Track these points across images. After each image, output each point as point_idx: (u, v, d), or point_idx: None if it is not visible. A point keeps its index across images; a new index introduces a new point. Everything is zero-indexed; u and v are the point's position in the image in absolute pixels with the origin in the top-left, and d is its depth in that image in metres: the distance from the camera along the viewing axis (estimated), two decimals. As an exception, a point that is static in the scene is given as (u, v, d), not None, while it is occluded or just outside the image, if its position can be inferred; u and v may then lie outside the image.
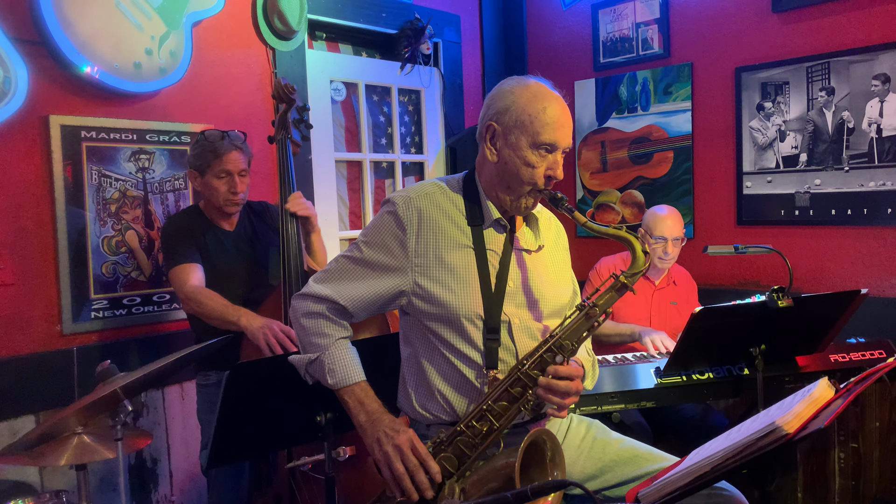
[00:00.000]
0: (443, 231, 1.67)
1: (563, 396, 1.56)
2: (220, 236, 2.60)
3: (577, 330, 1.60)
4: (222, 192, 2.52)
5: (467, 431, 1.58)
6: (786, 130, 3.33)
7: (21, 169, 2.59)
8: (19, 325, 2.60)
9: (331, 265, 1.72)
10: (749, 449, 1.17)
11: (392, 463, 1.55)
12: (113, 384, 1.66)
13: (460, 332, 1.64)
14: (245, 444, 1.82)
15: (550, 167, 1.63)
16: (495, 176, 1.67)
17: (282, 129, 2.65)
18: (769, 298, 2.28)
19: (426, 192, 1.70)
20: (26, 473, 2.59)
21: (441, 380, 1.67)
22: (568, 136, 1.65)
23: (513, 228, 1.74)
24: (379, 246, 1.67)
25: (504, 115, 1.63)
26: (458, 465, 1.58)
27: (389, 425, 1.60)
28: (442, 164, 4.13)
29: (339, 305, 1.67)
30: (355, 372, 1.66)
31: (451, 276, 1.65)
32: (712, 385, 2.51)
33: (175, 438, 3.00)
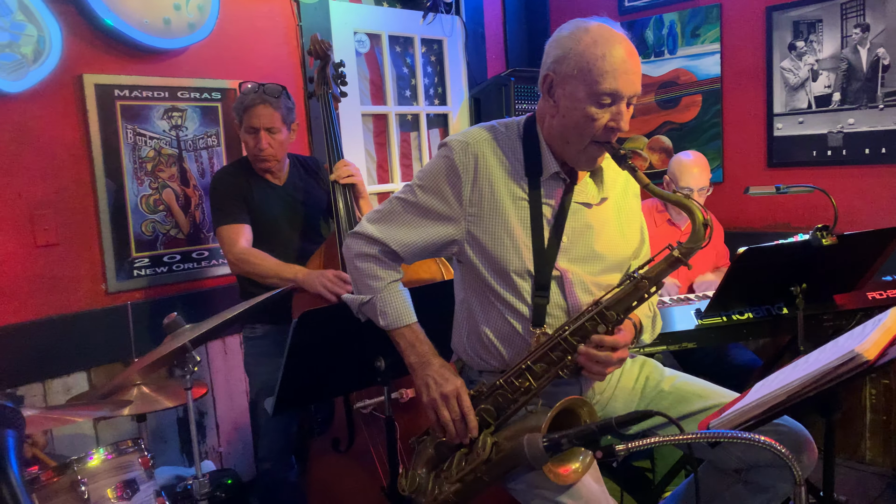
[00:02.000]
0: (499, 180, 1.62)
1: (604, 366, 1.54)
2: (268, 189, 2.60)
3: (625, 300, 1.55)
4: (250, 147, 2.53)
5: (506, 387, 1.60)
6: (818, 70, 3.29)
7: (58, 129, 2.60)
8: (66, 285, 2.64)
9: (385, 206, 1.70)
10: (828, 377, 1.20)
11: (438, 409, 1.60)
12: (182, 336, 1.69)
13: (510, 286, 1.63)
14: (309, 390, 1.87)
15: (613, 118, 1.53)
16: (555, 128, 1.60)
17: (322, 84, 2.63)
18: (813, 237, 2.28)
19: (484, 138, 1.65)
20: (81, 427, 2.66)
21: (490, 329, 1.67)
22: (634, 83, 1.52)
23: (573, 181, 1.67)
24: (433, 191, 1.64)
25: (561, 64, 1.54)
26: (496, 416, 1.61)
27: (439, 371, 1.62)
28: (466, 115, 4.10)
29: (391, 249, 1.67)
30: (406, 314, 1.67)
31: (504, 228, 1.61)
32: (752, 325, 2.53)
33: (220, 392, 3.07)
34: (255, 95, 2.49)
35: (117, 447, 1.67)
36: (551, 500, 1.55)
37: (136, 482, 1.63)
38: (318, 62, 2.66)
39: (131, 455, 1.69)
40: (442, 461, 1.67)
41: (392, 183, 3.82)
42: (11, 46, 2.40)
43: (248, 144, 2.54)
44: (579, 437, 1.20)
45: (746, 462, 1.66)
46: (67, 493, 1.52)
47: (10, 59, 2.39)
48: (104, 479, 1.59)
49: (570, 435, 1.22)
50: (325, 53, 2.63)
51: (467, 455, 1.61)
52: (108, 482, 1.59)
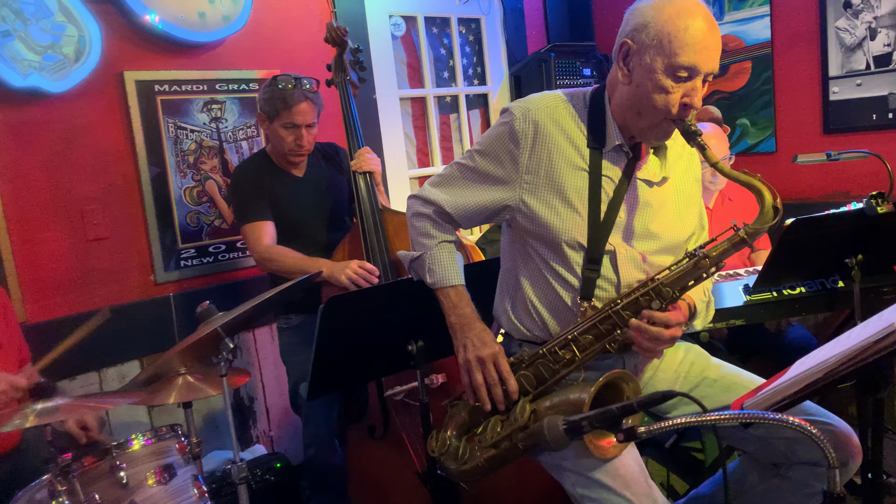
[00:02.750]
0: (558, 149, 1.58)
1: (655, 343, 1.49)
2: (290, 183, 2.61)
3: (682, 278, 1.51)
4: (288, 142, 2.51)
5: (549, 356, 1.57)
6: (877, 28, 3.10)
7: (103, 126, 2.68)
8: (117, 277, 2.73)
9: (446, 170, 1.72)
10: (867, 352, 1.13)
11: (472, 372, 1.58)
12: (213, 323, 1.72)
13: (560, 256, 1.60)
14: (342, 374, 1.88)
15: (688, 94, 1.47)
16: (626, 100, 1.55)
17: (339, 71, 2.62)
18: (867, 205, 2.16)
19: (547, 105, 1.60)
20: (138, 414, 2.76)
21: (537, 298, 1.65)
22: (712, 59, 1.47)
23: (636, 156, 1.61)
24: (491, 156, 1.63)
25: (640, 33, 1.48)
26: (535, 384, 1.59)
27: (479, 334, 1.61)
28: (506, 94, 4.04)
29: (444, 211, 1.68)
30: (454, 275, 1.67)
31: (559, 198, 1.58)
32: (804, 300, 2.41)
33: (268, 377, 3.14)
34: (297, 91, 2.46)
35: (156, 433, 1.72)
36: (586, 477, 1.51)
37: (174, 467, 1.68)
38: (338, 48, 2.64)
39: (169, 441, 1.73)
40: (475, 426, 1.65)
41: (432, 166, 3.81)
42: (54, 47, 2.47)
43: (286, 140, 2.50)
44: (600, 420, 1.17)
45: (788, 457, 1.59)
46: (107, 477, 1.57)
47: (53, 60, 2.47)
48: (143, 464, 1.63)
49: (591, 417, 1.18)
50: (341, 40, 2.62)
51: (503, 421, 1.58)
52: (147, 467, 1.63)
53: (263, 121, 2.56)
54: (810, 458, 1.55)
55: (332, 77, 2.67)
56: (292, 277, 2.40)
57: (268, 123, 2.54)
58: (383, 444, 2.38)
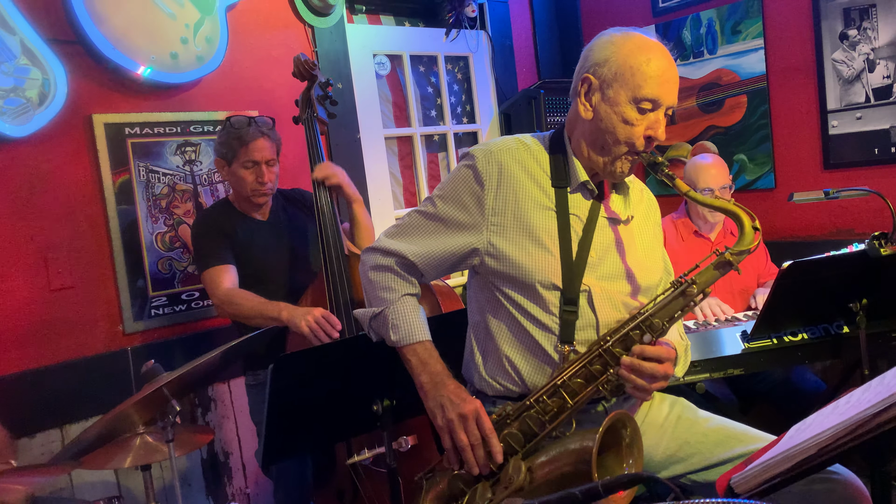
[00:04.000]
0: (524, 189, 1.54)
1: (650, 380, 1.42)
2: (254, 227, 2.49)
3: (670, 308, 1.45)
4: (249, 181, 2.41)
5: (537, 407, 1.45)
6: (875, 59, 2.98)
7: (70, 170, 2.58)
8: (83, 327, 2.61)
9: (403, 220, 1.62)
10: (865, 427, 0.98)
11: (455, 433, 1.44)
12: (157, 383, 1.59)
13: (535, 298, 1.51)
14: (298, 438, 1.73)
15: (651, 126, 1.48)
16: (588, 135, 1.53)
17: (306, 107, 2.52)
18: (870, 246, 2.03)
19: (509, 147, 1.57)
20: (101, 473, 2.61)
21: (512, 348, 1.54)
22: (673, 92, 1.49)
23: (601, 194, 1.59)
24: (454, 201, 1.55)
25: (602, 67, 1.49)
26: (523, 442, 1.46)
27: (454, 391, 1.48)
28: (496, 132, 3.94)
29: (408, 261, 1.57)
30: (420, 330, 1.54)
31: (529, 238, 1.52)
32: (807, 346, 2.27)
33: (245, 430, 2.98)
34: (253, 129, 2.39)
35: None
36: None
37: (109, 544, 1.53)
38: (307, 82, 2.54)
39: (105, 515, 1.59)
40: (456, 498, 1.50)
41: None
42: (16, 91, 2.39)
43: (247, 180, 2.41)
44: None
45: None
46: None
47: (14, 104, 2.39)
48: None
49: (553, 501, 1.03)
50: (309, 73, 2.52)
51: (494, 485, 1.44)
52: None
53: (222, 167, 2.46)
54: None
55: (298, 114, 2.56)
56: (252, 322, 2.29)
57: (227, 168, 2.44)
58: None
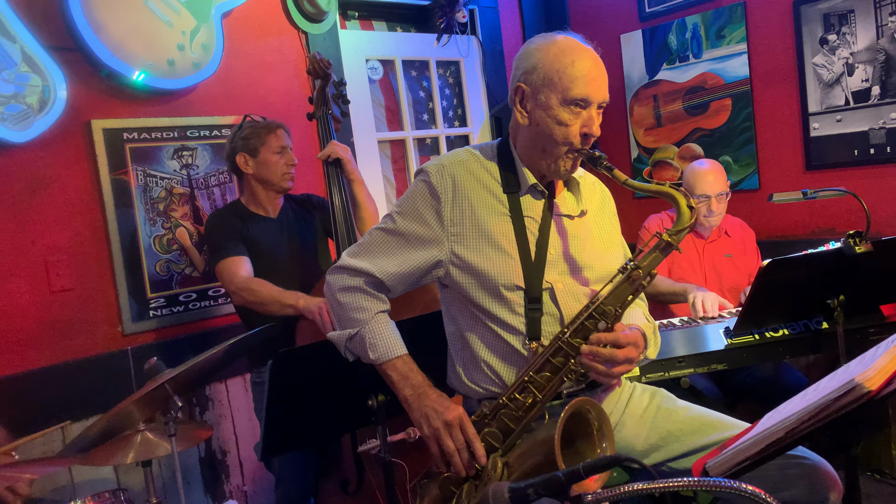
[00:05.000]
0: (478, 198, 1.61)
1: (610, 365, 1.49)
2: (264, 225, 2.57)
3: (620, 294, 1.52)
4: (280, 165, 2.51)
5: (510, 404, 1.52)
6: (854, 63, 3.07)
7: (69, 175, 2.64)
8: (83, 329, 2.66)
9: (365, 238, 1.67)
10: (827, 410, 1.05)
11: (442, 440, 1.51)
12: (159, 380, 1.65)
13: (501, 301, 1.58)
14: (296, 432, 1.80)
15: (585, 124, 1.54)
16: (529, 140, 1.60)
17: (321, 105, 2.62)
18: (845, 244, 2.10)
19: (460, 160, 1.65)
20: (101, 472, 2.66)
21: (487, 351, 1.61)
22: (602, 89, 1.55)
23: (552, 194, 1.65)
24: (413, 216, 1.61)
25: (531, 75, 1.55)
26: (502, 438, 1.53)
27: (437, 400, 1.55)
28: (487, 135, 4.01)
29: (375, 279, 1.62)
30: (397, 346, 1.61)
31: (489, 244, 1.58)
32: (788, 342, 2.34)
33: (242, 429, 3.04)
34: (270, 122, 2.55)
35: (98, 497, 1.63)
36: None
37: (114, 534, 1.59)
38: (319, 81, 2.63)
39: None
40: (448, 499, 1.57)
41: (413, 208, 3.76)
42: (17, 97, 2.45)
43: (278, 164, 2.51)
44: (546, 487, 1.08)
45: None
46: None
47: (15, 111, 2.44)
48: (82, 531, 1.55)
49: (537, 484, 1.10)
50: (324, 72, 2.60)
51: (477, 484, 1.51)
52: (85, 537, 1.55)
53: (246, 161, 2.52)
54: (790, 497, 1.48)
55: (313, 111, 2.65)
56: (268, 309, 2.35)
57: (253, 160, 2.51)
58: (357, 499, 2.27)
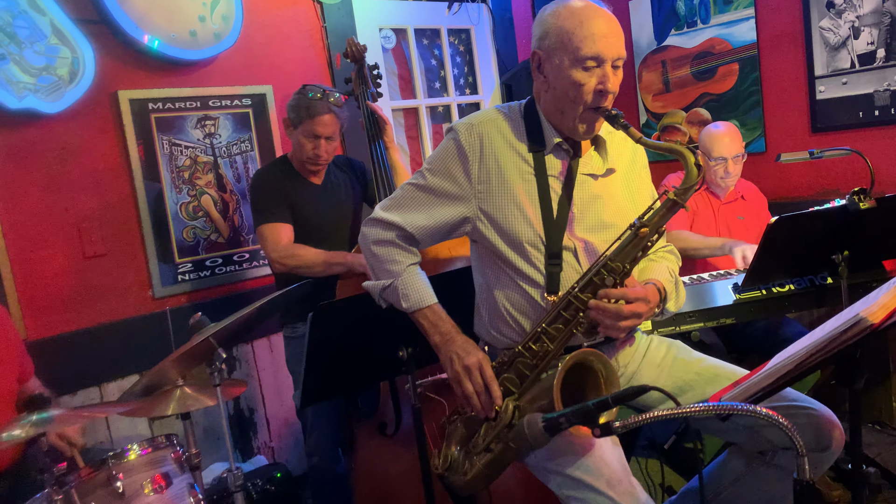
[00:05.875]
0: (505, 157, 1.67)
1: (616, 319, 1.53)
2: (309, 190, 2.64)
3: (627, 250, 1.57)
4: (307, 150, 2.57)
5: (526, 353, 1.61)
6: (860, 26, 3.13)
7: (98, 145, 2.73)
8: (115, 293, 2.77)
9: (397, 193, 1.76)
10: (833, 343, 1.16)
11: (462, 382, 1.62)
12: (205, 333, 1.76)
13: (523, 256, 1.66)
14: (333, 381, 1.91)
15: (601, 81, 1.58)
16: (550, 103, 1.66)
17: (361, 83, 2.78)
18: (850, 201, 2.19)
19: (488, 119, 1.71)
20: (138, 427, 2.80)
21: (510, 303, 1.70)
22: (614, 45, 1.58)
23: (577, 153, 1.71)
24: (442, 173, 1.69)
25: (545, 40, 1.61)
26: (519, 384, 1.63)
27: (462, 346, 1.65)
28: (498, 102, 4.08)
29: (406, 233, 1.71)
30: (428, 295, 1.71)
31: (513, 201, 1.65)
32: (793, 297, 2.44)
33: (268, 388, 3.17)
34: (322, 104, 2.53)
35: (152, 442, 1.75)
36: (570, 478, 1.53)
37: (170, 476, 1.71)
38: (354, 65, 2.78)
39: (165, 450, 1.76)
40: (472, 437, 1.68)
41: (427, 175, 3.85)
42: (48, 69, 2.53)
43: (305, 148, 2.56)
44: (577, 415, 1.20)
45: (774, 444, 1.62)
46: (103, 487, 1.60)
47: (47, 82, 2.53)
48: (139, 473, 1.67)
49: (569, 414, 1.21)
50: (361, 56, 2.78)
51: (493, 424, 1.61)
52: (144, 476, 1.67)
53: (288, 126, 2.61)
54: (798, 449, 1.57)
55: (353, 90, 2.81)
56: (313, 272, 2.45)
57: (292, 129, 2.60)
58: (393, 441, 2.39)
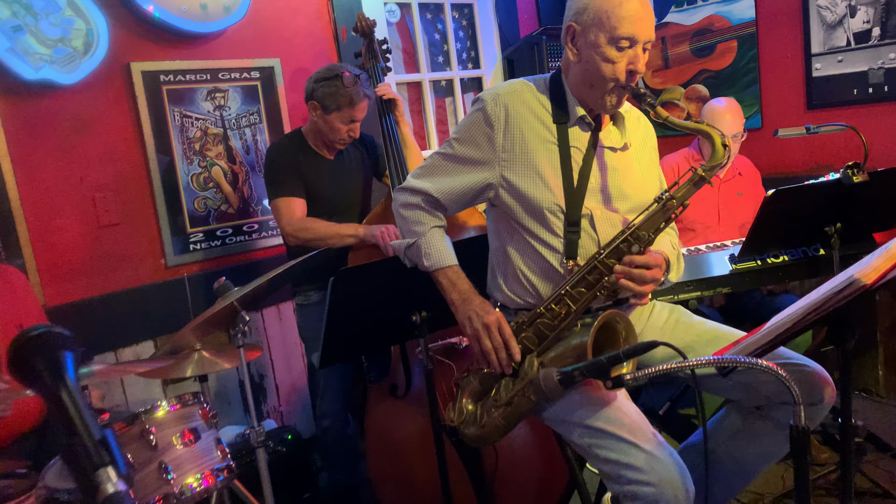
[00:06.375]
0: (529, 127, 1.74)
1: (640, 283, 1.63)
2: (322, 164, 2.72)
3: (654, 221, 1.66)
4: (342, 133, 2.63)
5: (546, 314, 1.70)
6: (856, 5, 3.20)
7: (112, 116, 2.78)
8: (129, 261, 2.85)
9: (427, 161, 1.86)
10: (829, 302, 1.25)
11: (481, 339, 1.71)
12: (230, 297, 1.84)
13: (543, 223, 1.74)
14: (351, 343, 2.00)
15: (632, 62, 1.65)
16: (579, 76, 1.73)
17: (371, 58, 2.86)
18: (844, 175, 2.28)
19: (514, 90, 1.78)
20: (153, 391, 2.89)
21: (526, 267, 1.79)
22: (648, 29, 1.66)
23: (598, 127, 1.78)
24: (469, 142, 1.77)
25: (582, 15, 1.67)
26: (537, 343, 1.72)
27: (480, 305, 1.74)
28: (500, 77, 4.13)
29: (433, 198, 1.81)
30: (448, 256, 1.80)
31: (535, 170, 1.73)
32: (787, 267, 2.54)
33: (277, 355, 3.26)
34: (360, 90, 2.59)
35: (180, 399, 1.84)
36: (592, 428, 1.62)
37: (198, 431, 1.80)
38: (364, 39, 2.84)
39: (192, 407, 1.85)
40: (487, 392, 1.77)
41: (429, 149, 3.91)
42: (63, 41, 2.57)
43: (340, 131, 2.62)
44: (590, 370, 1.29)
45: (770, 399, 1.72)
46: (138, 440, 1.70)
47: (63, 53, 2.57)
48: (169, 427, 1.76)
49: (582, 368, 1.30)
50: (370, 30, 2.85)
51: (515, 379, 1.70)
52: (174, 430, 1.76)
53: (316, 109, 2.64)
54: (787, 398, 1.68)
55: (363, 64, 2.87)
56: (326, 243, 2.52)
57: (322, 114, 2.62)
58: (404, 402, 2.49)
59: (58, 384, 0.65)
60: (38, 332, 0.68)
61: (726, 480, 1.82)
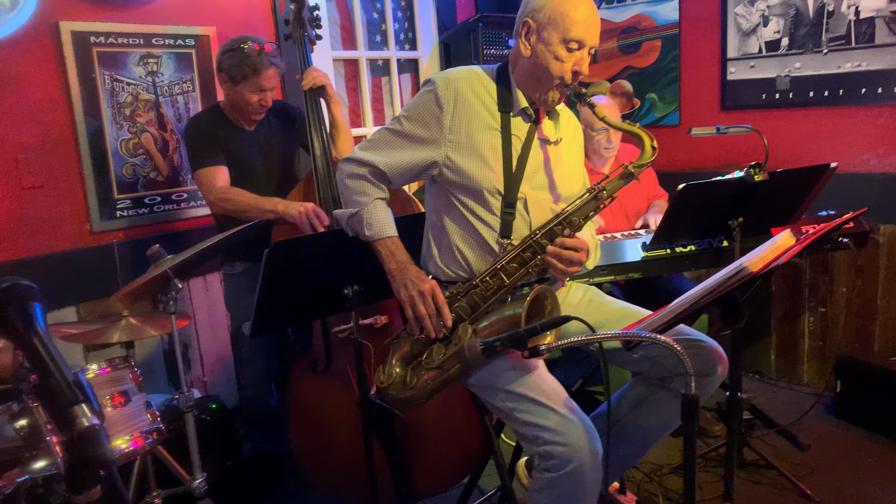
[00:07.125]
0: (475, 113, 1.86)
1: (568, 264, 1.80)
2: (242, 136, 2.72)
3: (585, 209, 1.83)
4: (253, 103, 2.63)
5: (481, 286, 1.83)
6: (769, 15, 3.44)
7: (38, 75, 2.70)
8: (52, 225, 2.79)
9: (374, 135, 1.93)
10: (720, 287, 1.41)
11: (416, 305, 1.82)
12: (163, 265, 1.87)
13: (482, 202, 1.87)
14: (283, 314, 2.06)
15: (577, 63, 1.79)
16: (527, 69, 1.85)
17: (298, 27, 2.76)
18: (746, 174, 2.49)
19: (465, 76, 1.89)
20: (75, 357, 2.85)
21: (462, 241, 1.91)
22: (595, 35, 1.79)
23: (537, 119, 1.93)
24: (418, 121, 1.87)
25: (539, 13, 1.79)
26: (470, 312, 1.84)
27: (416, 274, 1.85)
28: (436, 60, 4.21)
29: (379, 170, 1.89)
30: (389, 227, 1.89)
31: (478, 153, 1.84)
32: (694, 256, 2.75)
33: (202, 325, 3.27)
34: (263, 58, 2.57)
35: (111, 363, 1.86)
36: (514, 393, 1.75)
37: (129, 394, 1.84)
38: (294, 5, 2.77)
39: (123, 370, 1.88)
40: (417, 356, 1.87)
41: (364, 127, 3.96)
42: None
43: (251, 102, 2.62)
44: (511, 340, 1.41)
45: (671, 371, 1.90)
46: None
47: (-12, 7, 2.49)
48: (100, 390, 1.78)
49: (503, 338, 1.42)
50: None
51: (446, 345, 1.81)
52: (104, 393, 1.79)
53: (225, 82, 2.64)
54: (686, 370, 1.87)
55: (290, 33, 2.80)
56: (247, 216, 2.53)
57: (231, 86, 2.63)
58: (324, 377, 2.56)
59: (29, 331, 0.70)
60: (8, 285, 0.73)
61: (629, 446, 2.01)
